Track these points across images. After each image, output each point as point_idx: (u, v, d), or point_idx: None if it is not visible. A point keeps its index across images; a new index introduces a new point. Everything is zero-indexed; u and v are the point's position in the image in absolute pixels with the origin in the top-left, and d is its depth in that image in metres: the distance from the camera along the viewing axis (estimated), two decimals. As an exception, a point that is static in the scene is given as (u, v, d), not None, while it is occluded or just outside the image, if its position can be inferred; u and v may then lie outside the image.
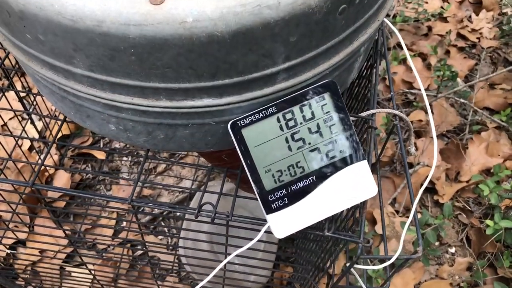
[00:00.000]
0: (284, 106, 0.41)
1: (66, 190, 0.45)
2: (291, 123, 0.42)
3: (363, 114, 0.50)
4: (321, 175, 0.42)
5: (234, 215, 0.45)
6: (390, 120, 1.04)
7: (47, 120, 0.95)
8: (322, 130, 0.42)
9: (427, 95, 1.09)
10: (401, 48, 1.22)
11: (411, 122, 1.06)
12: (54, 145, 0.99)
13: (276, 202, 0.41)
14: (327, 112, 0.42)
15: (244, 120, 0.41)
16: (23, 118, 1.06)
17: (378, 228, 0.91)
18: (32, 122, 0.94)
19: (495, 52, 1.24)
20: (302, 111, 0.42)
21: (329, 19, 0.37)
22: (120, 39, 0.33)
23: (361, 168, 0.42)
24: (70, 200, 0.94)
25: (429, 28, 1.28)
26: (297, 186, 0.42)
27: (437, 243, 0.91)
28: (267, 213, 0.41)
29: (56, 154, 0.98)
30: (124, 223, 0.92)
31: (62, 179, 0.95)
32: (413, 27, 1.28)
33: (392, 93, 0.53)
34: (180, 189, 0.99)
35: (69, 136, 1.01)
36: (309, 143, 0.42)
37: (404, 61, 1.17)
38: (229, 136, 0.42)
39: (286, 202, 0.41)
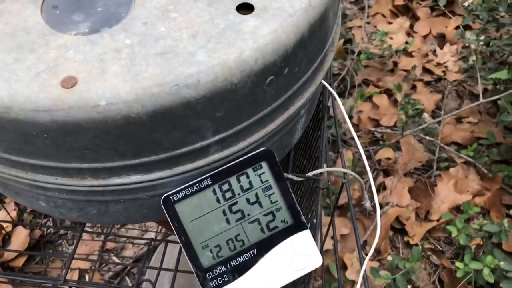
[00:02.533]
0: (220, 178, 0.39)
1: None
2: (228, 195, 0.40)
3: (310, 174, 0.48)
4: (262, 248, 0.40)
5: (174, 292, 0.43)
6: (357, 159, 1.03)
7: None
8: (261, 200, 0.40)
9: (394, 132, 1.08)
10: (367, 85, 1.22)
11: (379, 160, 1.05)
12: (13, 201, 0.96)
13: (215, 280, 0.39)
14: (265, 181, 0.40)
15: (177, 194, 0.39)
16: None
17: (349, 274, 0.89)
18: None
19: (460, 85, 1.25)
20: (239, 181, 0.40)
21: (257, 92, 0.35)
22: (30, 125, 0.32)
23: (304, 238, 0.40)
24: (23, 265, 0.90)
25: (395, 64, 1.28)
26: (237, 261, 0.39)
27: (409, 287, 0.89)
28: (206, 292, 0.39)
29: (14, 209, 0.95)
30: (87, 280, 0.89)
31: (21, 236, 0.91)
32: (379, 63, 1.28)
33: (340, 150, 0.52)
34: (143, 241, 0.96)
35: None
36: (248, 215, 0.40)
37: (370, 98, 1.17)
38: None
39: (226, 279, 0.39)
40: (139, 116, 0.32)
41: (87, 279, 0.88)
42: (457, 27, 1.35)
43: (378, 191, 0.99)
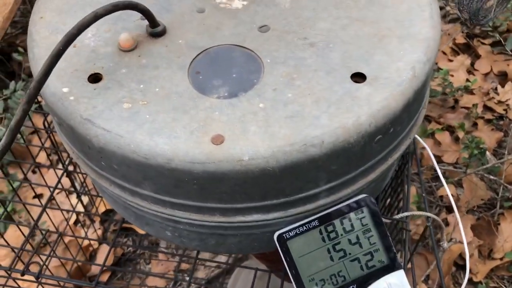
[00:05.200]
0: (325, 219, 0.45)
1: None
2: (332, 235, 0.45)
3: (397, 216, 0.53)
4: (361, 284, 0.45)
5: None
6: (420, 196, 1.06)
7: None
8: (361, 241, 0.45)
9: (456, 170, 1.11)
10: (429, 122, 1.26)
11: (441, 196, 1.08)
12: (98, 219, 1.05)
13: (320, 309, 0.45)
14: (365, 224, 0.46)
15: (290, 232, 0.45)
16: (69, 192, 1.12)
17: (412, 307, 0.92)
18: (79, 197, 1.00)
19: (522, 124, 1.26)
20: (342, 224, 0.45)
21: (366, 149, 0.41)
22: (186, 173, 0.38)
23: (398, 277, 0.45)
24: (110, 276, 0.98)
25: (456, 101, 1.31)
26: (339, 294, 0.45)
27: (473, 323, 0.91)
28: (312, 320, 0.44)
29: (99, 228, 1.04)
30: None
31: (105, 252, 1.00)
32: (440, 99, 1.32)
33: (424, 195, 0.57)
34: (215, 263, 1.02)
35: (112, 210, 1.07)
36: (350, 254, 0.45)
37: (432, 134, 1.21)
38: (273, 241, 0.45)
39: (329, 309, 0.45)
40: (273, 169, 0.38)
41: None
42: (519, 66, 1.37)
43: (440, 227, 1.02)
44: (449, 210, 1.07)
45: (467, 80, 1.34)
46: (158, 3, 0.47)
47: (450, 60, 1.42)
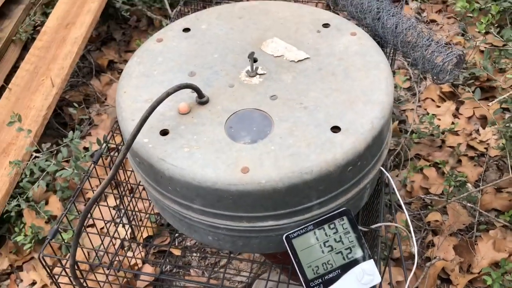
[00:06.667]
0: (318, 225, 0.66)
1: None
2: (322, 235, 0.66)
3: (373, 226, 0.74)
4: (343, 269, 0.65)
5: (287, 296, 0.69)
6: (411, 220, 1.25)
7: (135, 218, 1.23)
8: (343, 239, 0.66)
9: (441, 199, 1.31)
10: (419, 159, 1.46)
11: (429, 222, 1.28)
12: (141, 244, 1.26)
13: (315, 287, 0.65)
14: (346, 228, 0.66)
15: (293, 234, 0.66)
16: (116, 223, 1.34)
17: (403, 314, 1.09)
18: (130, 225, 1.21)
19: (501, 160, 1.46)
20: (329, 228, 0.66)
21: (342, 176, 0.63)
22: (225, 192, 0.60)
23: (369, 264, 0.65)
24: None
25: (443, 141, 1.52)
26: (328, 276, 0.65)
27: (455, 327, 1.08)
28: (309, 295, 0.65)
29: (142, 251, 1.25)
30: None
31: (147, 271, 1.21)
32: (429, 140, 1.52)
33: (393, 211, 0.77)
34: (238, 281, 1.22)
35: (152, 236, 1.28)
36: (335, 248, 0.66)
37: (421, 170, 1.41)
38: (283, 241, 0.66)
39: (322, 287, 0.65)
40: (280, 189, 0.60)
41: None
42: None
43: (427, 247, 1.21)
44: (435, 233, 1.25)
45: (453, 123, 1.55)
46: (203, 81, 0.71)
47: (438, 106, 1.64)
